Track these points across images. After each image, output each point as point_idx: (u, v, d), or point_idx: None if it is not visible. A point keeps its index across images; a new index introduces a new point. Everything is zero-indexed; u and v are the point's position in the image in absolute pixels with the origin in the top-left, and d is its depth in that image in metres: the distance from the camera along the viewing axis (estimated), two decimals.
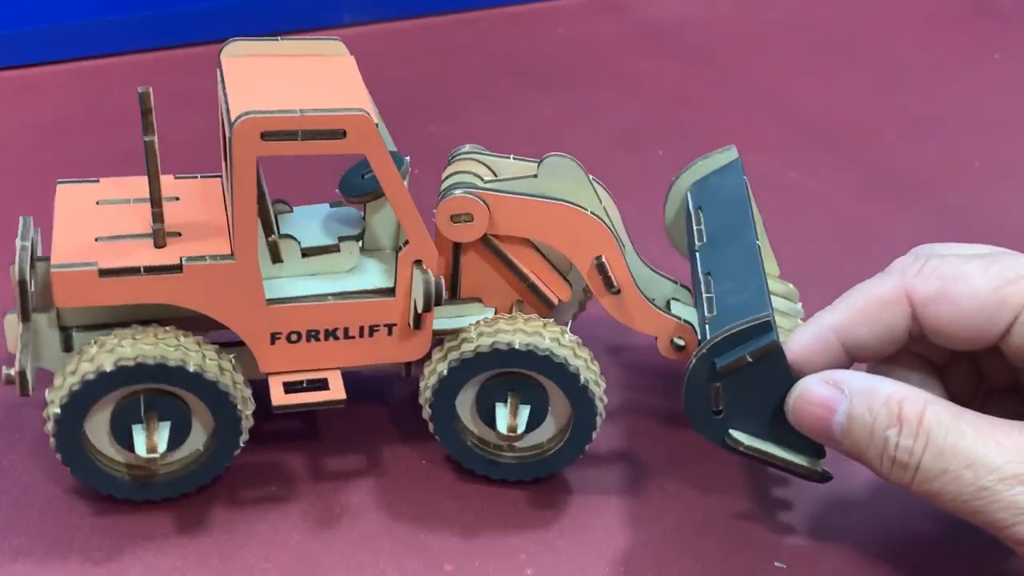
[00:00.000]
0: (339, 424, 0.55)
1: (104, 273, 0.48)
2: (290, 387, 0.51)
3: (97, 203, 0.53)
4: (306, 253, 0.52)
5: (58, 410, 0.48)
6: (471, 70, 0.87)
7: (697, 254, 0.54)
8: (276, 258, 0.52)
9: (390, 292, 0.51)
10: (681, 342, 0.55)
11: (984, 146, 0.81)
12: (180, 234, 0.50)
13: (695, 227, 0.55)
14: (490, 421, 0.52)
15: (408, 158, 0.53)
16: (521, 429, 0.51)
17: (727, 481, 0.54)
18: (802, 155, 0.79)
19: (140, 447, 0.49)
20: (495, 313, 0.54)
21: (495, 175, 0.54)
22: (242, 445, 0.51)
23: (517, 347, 0.50)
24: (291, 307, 0.50)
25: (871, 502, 0.54)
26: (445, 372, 0.51)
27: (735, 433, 0.50)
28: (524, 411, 0.52)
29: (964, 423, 0.45)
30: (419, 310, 0.50)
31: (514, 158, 0.55)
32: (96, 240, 0.50)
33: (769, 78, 0.89)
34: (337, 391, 0.51)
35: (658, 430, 0.57)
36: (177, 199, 0.53)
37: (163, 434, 0.49)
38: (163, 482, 0.51)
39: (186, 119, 0.71)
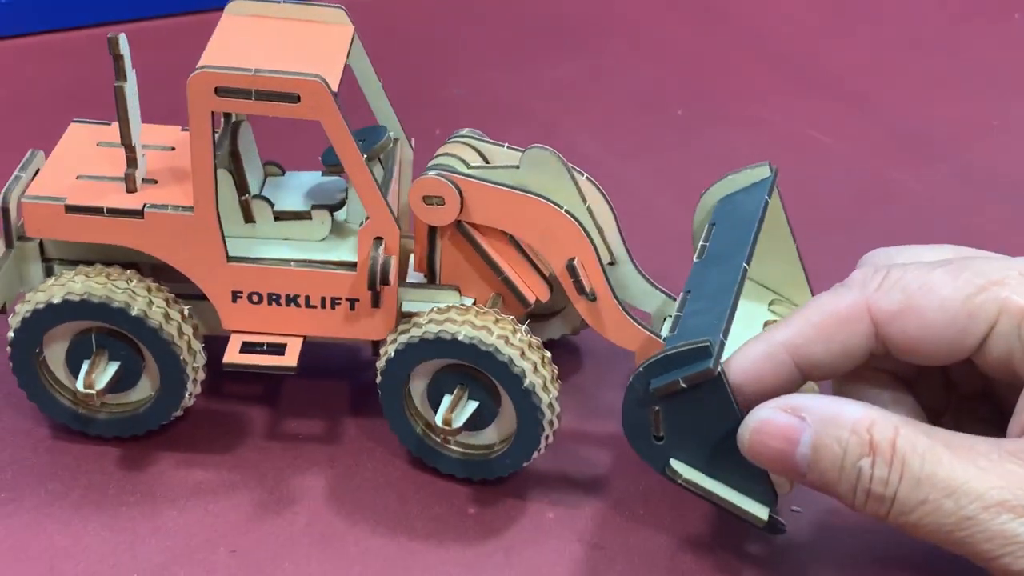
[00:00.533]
0: (365, 388, 0.57)
1: (70, 209, 0.50)
2: (248, 347, 0.52)
3: (97, 144, 0.54)
4: (278, 217, 0.52)
5: (11, 334, 0.51)
6: (491, 31, 0.88)
7: (691, 271, 0.51)
8: (248, 218, 0.52)
9: (352, 267, 0.51)
10: None
11: (1002, 105, 0.82)
12: (156, 182, 0.52)
13: (701, 243, 0.52)
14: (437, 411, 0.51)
15: (391, 132, 0.53)
16: (458, 424, 0.49)
17: None
18: (821, 114, 0.80)
19: (79, 381, 0.50)
20: (472, 304, 0.52)
21: (486, 162, 0.53)
22: (189, 397, 0.52)
23: (461, 339, 0.48)
24: (253, 267, 0.51)
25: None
26: (392, 355, 0.50)
27: (675, 464, 0.47)
28: (469, 406, 0.50)
29: (940, 446, 0.41)
30: (367, 286, 0.50)
31: (508, 147, 0.54)
32: (77, 178, 0.52)
33: (788, 37, 0.89)
34: (290, 358, 0.51)
35: None
36: (172, 149, 0.54)
37: (107, 373, 0.51)
38: (106, 420, 0.52)
39: None
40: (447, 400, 0.50)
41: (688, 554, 0.50)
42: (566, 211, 0.50)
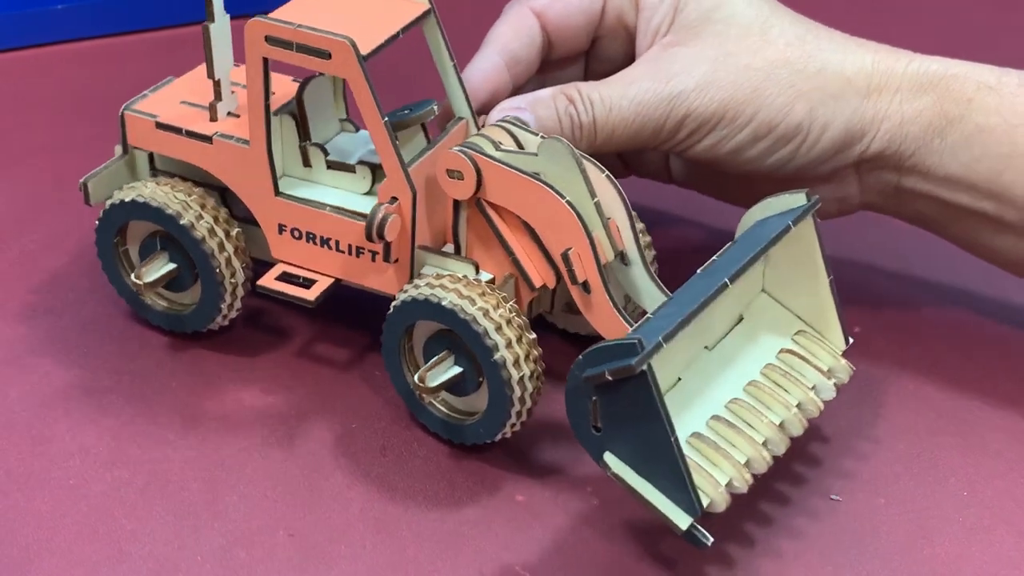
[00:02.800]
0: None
1: (159, 126, 0.57)
2: (285, 277, 0.56)
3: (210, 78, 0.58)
4: (330, 166, 0.56)
5: (96, 223, 0.58)
6: None
7: (689, 280, 0.51)
8: (306, 162, 0.57)
9: None
10: None
11: None
12: (238, 116, 0.57)
13: (713, 257, 0.52)
14: None
15: (436, 105, 0.57)
16: (431, 383, 0.52)
17: None
18: None
19: (134, 272, 0.57)
20: (490, 280, 0.54)
21: (520, 148, 0.55)
22: (227, 308, 0.57)
23: (444, 305, 0.51)
24: (295, 205, 0.55)
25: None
26: (391, 310, 0.54)
27: (608, 456, 0.48)
28: (451, 371, 0.52)
29: (603, 82, 0.57)
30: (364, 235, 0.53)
31: (542, 136, 0.55)
32: (180, 103, 0.58)
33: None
34: (312, 293, 0.55)
35: None
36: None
37: (157, 271, 0.57)
38: (158, 312, 0.59)
39: None
40: (432, 361, 0.53)
41: (736, 546, 0.51)
42: (567, 201, 0.51)
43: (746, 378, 0.52)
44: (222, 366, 0.59)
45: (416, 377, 0.52)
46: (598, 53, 0.63)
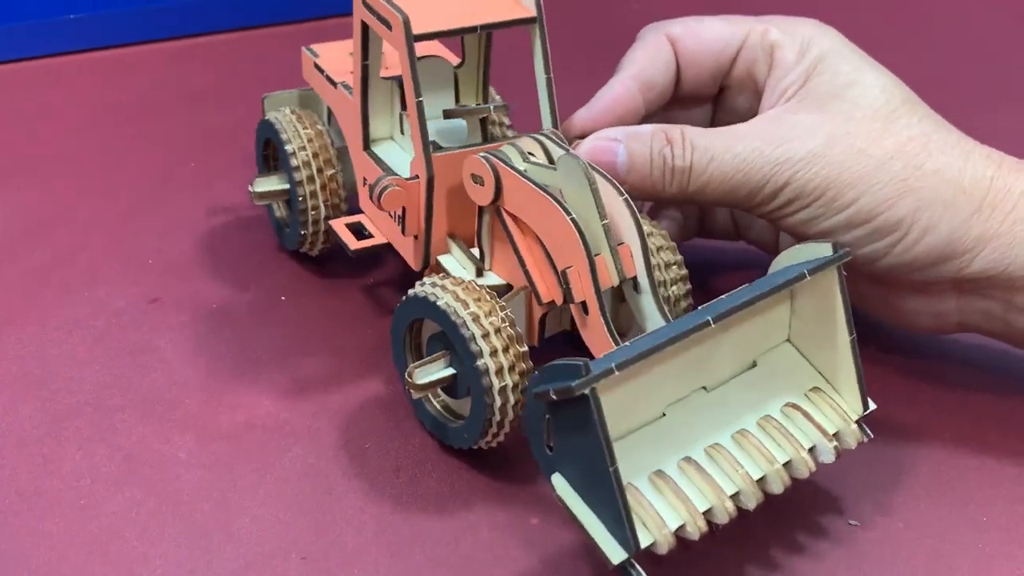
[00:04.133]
0: None
1: (316, 66, 0.64)
2: (354, 226, 0.61)
3: None
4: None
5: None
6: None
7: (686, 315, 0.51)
8: (402, 130, 0.61)
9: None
10: None
11: None
12: (387, 68, 0.61)
13: (722, 296, 0.50)
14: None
15: (495, 104, 0.61)
16: (419, 380, 0.52)
17: None
18: None
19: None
20: (505, 286, 0.55)
21: (550, 162, 0.54)
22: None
23: (439, 305, 0.52)
24: (368, 161, 0.59)
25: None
26: (402, 300, 0.54)
27: (556, 477, 0.47)
28: (443, 371, 0.53)
29: (713, 130, 0.56)
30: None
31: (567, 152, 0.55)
32: (348, 54, 0.63)
33: None
34: (355, 243, 0.60)
35: None
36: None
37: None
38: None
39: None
40: (426, 359, 0.53)
41: (755, 568, 0.51)
42: (572, 219, 0.51)
43: (737, 426, 0.50)
44: (235, 385, 0.58)
45: (407, 372, 0.52)
46: (725, 103, 0.62)
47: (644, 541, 0.46)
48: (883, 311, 0.60)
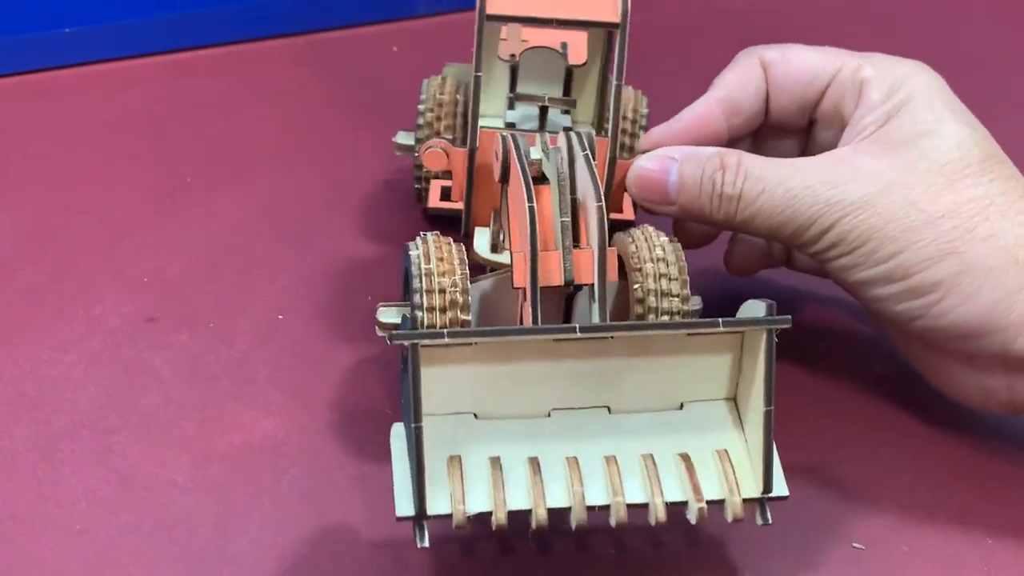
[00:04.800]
0: None
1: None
2: (445, 190, 0.65)
3: None
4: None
5: None
6: None
7: None
8: (510, 106, 0.64)
9: None
10: None
11: None
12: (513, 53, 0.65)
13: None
14: None
15: (559, 100, 0.62)
16: (381, 319, 0.54)
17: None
18: None
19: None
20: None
21: (570, 159, 0.53)
22: None
23: (410, 254, 0.52)
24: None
25: None
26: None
27: (395, 427, 0.48)
28: (394, 317, 0.54)
29: (774, 161, 0.55)
30: None
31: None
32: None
33: None
34: (430, 201, 0.66)
35: None
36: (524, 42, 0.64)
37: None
38: None
39: (277, 109, 0.73)
40: (399, 301, 0.55)
41: None
42: (530, 208, 0.51)
43: (609, 451, 0.48)
44: (232, 405, 0.58)
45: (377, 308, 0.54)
46: (815, 137, 0.60)
47: (433, 508, 0.46)
48: (934, 378, 0.57)
